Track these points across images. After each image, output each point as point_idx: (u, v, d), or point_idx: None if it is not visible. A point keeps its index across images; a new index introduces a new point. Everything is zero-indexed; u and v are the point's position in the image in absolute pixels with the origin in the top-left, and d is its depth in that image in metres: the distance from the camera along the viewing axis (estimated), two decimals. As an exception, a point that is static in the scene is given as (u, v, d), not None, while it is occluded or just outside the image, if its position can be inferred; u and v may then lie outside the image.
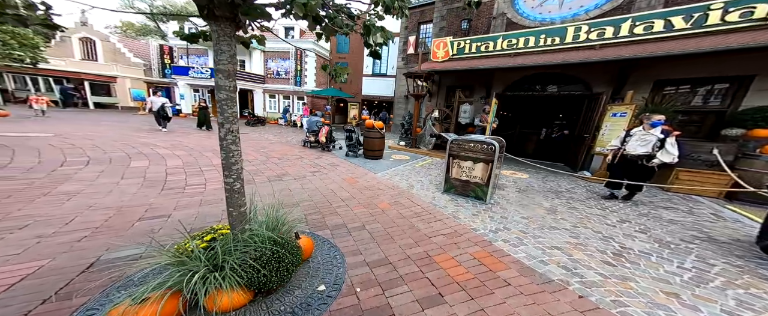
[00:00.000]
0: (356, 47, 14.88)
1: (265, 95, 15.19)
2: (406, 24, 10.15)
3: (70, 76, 13.38)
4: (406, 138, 7.56)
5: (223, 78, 1.15)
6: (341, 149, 6.45)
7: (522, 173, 4.97)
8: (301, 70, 14.10)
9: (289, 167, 4.43)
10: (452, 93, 8.32)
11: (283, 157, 5.27)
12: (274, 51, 14.30)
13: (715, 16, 3.18)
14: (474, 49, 6.22)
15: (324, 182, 3.67)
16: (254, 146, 6.22)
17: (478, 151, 2.82)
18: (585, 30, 4.51)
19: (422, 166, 5.28)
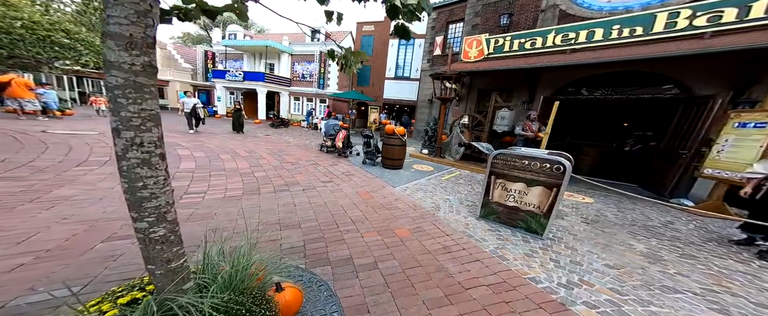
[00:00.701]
0: (380, 50, 14.77)
1: (290, 98, 15.85)
2: (434, 23, 9.62)
3: (132, 79, 15.66)
4: (430, 146, 6.88)
5: (115, 48, 0.67)
6: (358, 156, 6.03)
7: (583, 195, 3.92)
8: (324, 72, 14.42)
9: (300, 175, 4.10)
10: (485, 97, 7.44)
11: (297, 162, 5.02)
12: (300, 54, 14.93)
13: None
14: (516, 46, 5.39)
15: (335, 196, 3.22)
16: (272, 149, 6.15)
17: (537, 172, 2.08)
18: (686, 15, 3.44)
19: (448, 179, 4.56)
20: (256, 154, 5.27)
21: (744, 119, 2.66)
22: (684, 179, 3.54)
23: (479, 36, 5.97)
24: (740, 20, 3.02)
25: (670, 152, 4.04)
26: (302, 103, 15.68)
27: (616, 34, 4.08)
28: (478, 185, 4.25)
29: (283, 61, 15.09)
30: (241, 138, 7.37)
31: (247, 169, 4.11)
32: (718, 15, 3.19)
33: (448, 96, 5.68)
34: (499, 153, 2.24)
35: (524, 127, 4.76)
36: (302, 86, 15.32)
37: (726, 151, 2.82)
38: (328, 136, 6.34)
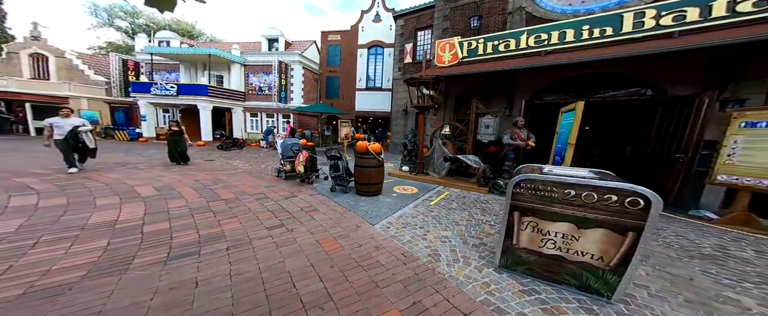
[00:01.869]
0: (348, 60, 14.39)
1: (245, 114, 14.05)
2: (402, 30, 9.57)
3: (10, 97, 12.08)
4: (411, 161, 6.19)
5: None
6: (328, 180, 4.97)
7: None
8: (286, 84, 13.20)
9: (232, 220, 2.89)
10: (463, 105, 7.25)
11: (236, 198, 3.74)
12: (256, 64, 13.54)
13: None
14: (490, 49, 5.25)
15: (282, 254, 2.15)
16: (203, 181, 4.68)
17: (595, 207, 1.40)
18: (652, 14, 3.53)
19: (438, 204, 3.81)
20: (168, 193, 3.81)
21: (752, 118, 2.53)
22: (687, 186, 3.37)
23: (451, 39, 5.77)
24: (704, 19, 3.14)
25: (661, 156, 3.98)
26: (261, 119, 14.01)
27: (586, 34, 4.10)
28: (475, 209, 3.57)
29: (234, 72, 13.48)
30: (175, 170, 5.63)
31: (131, 220, 2.73)
32: (681, 14, 3.30)
33: (425, 104, 5.16)
34: (524, 179, 1.52)
35: (513, 136, 4.40)
36: (260, 100, 13.77)
37: (738, 154, 2.63)
38: (286, 158, 5.18)
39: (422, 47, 9.06)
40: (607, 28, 3.91)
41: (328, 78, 15.08)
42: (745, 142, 2.58)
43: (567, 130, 2.02)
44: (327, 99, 14.94)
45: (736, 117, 2.65)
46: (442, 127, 6.06)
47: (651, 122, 4.26)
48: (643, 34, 3.61)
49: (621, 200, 1.33)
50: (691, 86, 3.94)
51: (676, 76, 4.03)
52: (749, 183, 2.55)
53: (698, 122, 3.35)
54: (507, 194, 1.60)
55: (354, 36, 14.06)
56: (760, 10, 2.80)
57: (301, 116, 13.83)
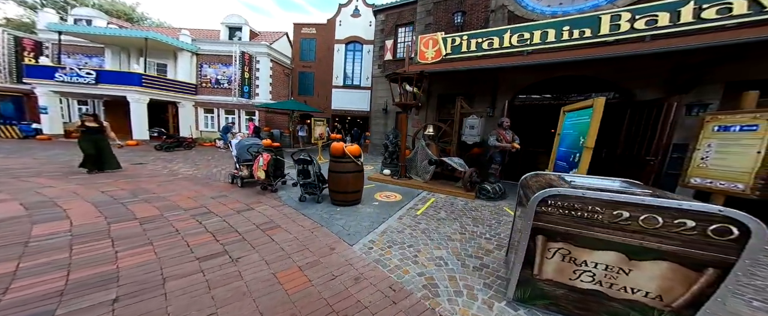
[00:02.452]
0: (324, 56, 13.54)
1: (197, 109, 12.22)
2: (382, 26, 9.18)
3: None
4: (392, 164, 5.77)
5: None
6: (296, 187, 4.26)
7: None
8: (250, 78, 11.81)
9: (142, 251, 2.11)
10: (446, 104, 7.10)
11: (162, 215, 2.88)
12: (212, 54, 11.87)
13: None
14: (474, 46, 5.11)
15: (215, 299, 1.55)
16: (116, 192, 3.62)
17: (658, 235, 1.08)
18: (627, 18, 3.65)
19: (426, 213, 3.43)
20: (44, 212, 2.77)
21: (724, 122, 2.61)
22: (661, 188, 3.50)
23: (435, 35, 5.53)
24: (675, 24, 3.31)
25: (632, 158, 4.16)
26: (218, 116, 12.33)
27: (567, 35, 4.14)
28: (466, 219, 3.25)
29: (182, 62, 11.63)
30: (78, 179, 4.31)
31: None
32: (653, 19, 3.45)
33: (409, 102, 4.79)
34: (553, 195, 1.14)
35: (498, 137, 4.25)
36: (217, 95, 12.12)
37: (711, 158, 2.70)
38: (242, 162, 4.33)
39: (403, 44, 8.79)
40: (586, 29, 3.98)
41: (301, 73, 14.01)
42: (718, 145, 2.66)
43: (576, 132, 1.77)
44: (300, 96, 13.86)
45: (709, 120, 2.74)
46: (425, 128, 5.76)
47: (620, 125, 4.49)
48: (618, 37, 3.73)
49: (702, 228, 1.00)
50: (656, 91, 4.22)
51: (644, 81, 4.28)
52: (723, 187, 2.63)
53: (667, 125, 3.51)
54: (527, 213, 1.23)
55: (331, 30, 13.30)
56: (722, 17, 3.02)
57: (269, 114, 12.52)
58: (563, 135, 2.02)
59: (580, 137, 1.75)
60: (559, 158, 2.12)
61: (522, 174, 1.75)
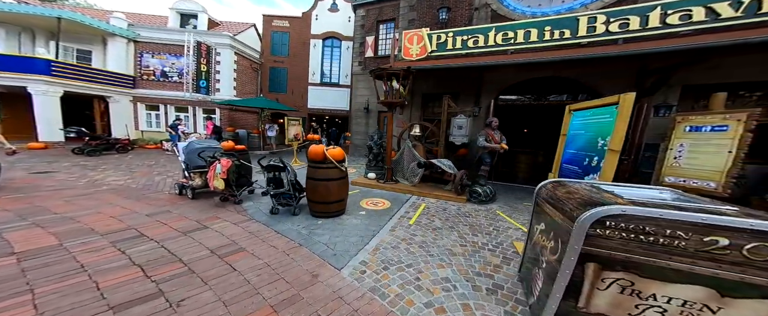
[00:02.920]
0: (298, 51, 12.62)
1: (136, 106, 10.39)
2: (363, 21, 8.77)
3: None
4: (377, 167, 5.42)
5: None
6: (267, 196, 3.65)
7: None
8: (209, 71, 10.38)
9: (14, 304, 1.43)
10: (431, 103, 6.98)
11: (61, 245, 2.14)
12: (157, 43, 10.17)
13: None
14: (459, 43, 5.02)
15: None
16: (6, 213, 2.68)
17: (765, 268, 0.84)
18: (602, 20, 3.82)
19: (419, 222, 3.15)
20: None
21: (695, 123, 2.77)
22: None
23: (420, 30, 5.33)
24: (644, 28, 3.53)
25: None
26: (165, 113, 10.64)
27: (548, 35, 4.23)
28: (463, 227, 3.04)
29: (114, 49, 9.76)
30: None
31: None
32: (625, 22, 3.66)
33: (395, 100, 4.48)
34: (614, 214, 0.88)
35: (488, 138, 4.17)
36: (163, 89, 10.45)
37: (683, 158, 2.86)
38: (194, 169, 3.58)
39: (385, 41, 8.49)
40: (566, 30, 4.10)
41: (272, 69, 12.86)
42: (690, 145, 2.83)
43: (591, 132, 1.62)
44: (271, 93, 12.72)
45: (680, 121, 2.90)
46: (411, 128, 5.52)
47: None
48: (594, 39, 3.89)
49: None
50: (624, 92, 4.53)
51: (612, 83, 4.58)
52: (696, 185, 2.79)
53: (639, 126, 3.74)
54: (575, 235, 0.98)
55: (306, 25, 12.46)
56: (684, 24, 3.29)
57: (234, 112, 11.21)
58: (571, 136, 1.90)
59: (598, 138, 1.59)
60: (567, 162, 1.98)
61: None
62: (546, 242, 1.25)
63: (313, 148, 3.05)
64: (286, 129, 7.22)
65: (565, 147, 2.00)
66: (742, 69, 3.47)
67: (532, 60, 4.07)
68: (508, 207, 3.95)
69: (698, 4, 3.17)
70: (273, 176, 3.03)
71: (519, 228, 3.02)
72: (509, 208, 3.91)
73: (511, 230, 2.95)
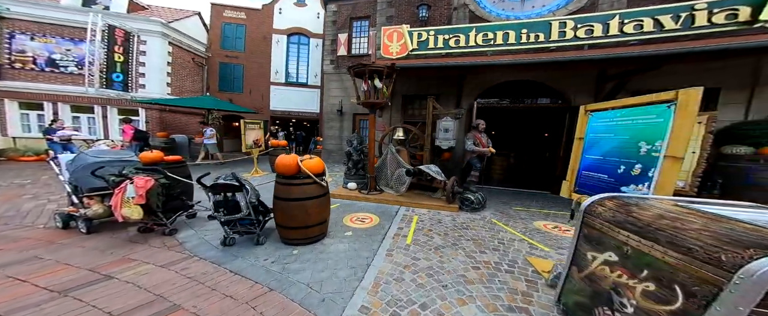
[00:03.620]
0: (258, 47, 11.19)
1: (4, 103, 7.68)
2: (335, 18, 8.15)
3: None
4: (357, 176, 4.88)
5: None
6: (215, 221, 2.76)
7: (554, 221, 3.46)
8: (127, 63, 8.26)
9: None
10: (411, 105, 6.75)
11: None
12: (37, 21, 7.64)
13: (702, 17, 3.31)
14: (441, 42, 4.90)
15: None
16: None
17: None
18: (571, 26, 4.10)
19: (417, 241, 2.76)
20: None
21: None
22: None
23: (400, 27, 5.05)
24: (606, 35, 3.88)
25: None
26: (54, 114, 8.08)
27: (524, 38, 4.39)
28: (467, 242, 2.76)
29: None
30: None
31: None
32: (590, 28, 3.98)
33: (378, 100, 4.04)
34: None
35: (476, 142, 4.06)
36: (53, 82, 7.98)
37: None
38: (87, 192, 2.51)
39: (359, 39, 8.02)
40: (540, 33, 4.29)
41: (223, 65, 11.11)
42: None
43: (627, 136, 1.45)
44: (222, 92, 10.95)
45: None
46: (394, 131, 5.15)
47: (560, 129, 5.15)
48: (562, 44, 4.16)
49: None
50: (587, 97, 4.99)
51: (577, 88, 5.01)
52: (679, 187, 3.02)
53: None
54: (737, 292, 0.67)
55: (267, 18, 11.18)
56: (638, 33, 3.71)
57: (166, 114, 9.19)
58: (591, 140, 1.75)
59: (640, 143, 1.42)
60: (589, 169, 1.82)
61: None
62: (630, 280, 0.97)
63: (282, 159, 2.38)
64: (242, 134, 6.09)
65: (583, 152, 1.83)
66: (682, 77, 4.09)
67: (515, 61, 4.12)
68: (500, 213, 3.86)
69: (647, 15, 3.61)
70: (224, 199, 2.25)
71: (522, 239, 2.86)
72: (501, 214, 3.82)
73: (516, 242, 2.76)
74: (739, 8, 3.17)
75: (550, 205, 4.50)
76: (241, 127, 6.11)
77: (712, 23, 3.25)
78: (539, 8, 5.08)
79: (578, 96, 5.07)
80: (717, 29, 3.16)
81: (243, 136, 6.10)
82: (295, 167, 2.36)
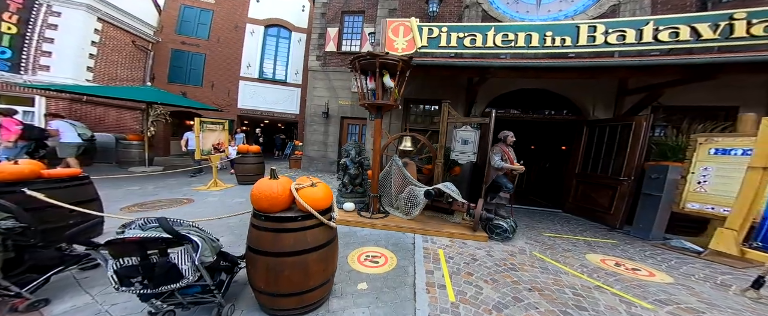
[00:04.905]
0: (226, 35, 9.92)
1: None
2: (324, 9, 7.41)
3: None
4: (354, 194, 4.10)
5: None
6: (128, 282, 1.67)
7: (644, 266, 2.72)
8: (24, 36, 6.36)
9: None
10: (413, 110, 6.15)
11: None
12: None
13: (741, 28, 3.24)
14: (454, 41, 4.41)
15: None
16: None
17: None
18: (602, 30, 3.87)
19: (461, 292, 2.06)
20: None
21: (722, 145, 2.73)
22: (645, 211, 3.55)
23: (408, 20, 4.49)
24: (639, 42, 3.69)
25: (597, 177, 4.46)
26: None
27: (549, 41, 4.08)
28: (526, 291, 2.13)
29: None
30: None
31: None
32: (622, 34, 3.78)
33: (388, 102, 3.34)
34: None
35: (503, 156, 3.53)
36: None
37: (710, 183, 2.77)
38: None
39: (351, 35, 7.35)
40: (566, 37, 4.01)
41: (177, 53, 9.58)
42: (718, 170, 2.73)
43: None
44: (172, 84, 9.35)
45: (702, 142, 2.87)
46: (401, 140, 4.45)
47: (573, 142, 4.95)
48: (592, 50, 3.91)
49: None
50: (605, 111, 4.83)
51: (596, 100, 4.83)
52: (728, 213, 2.62)
53: (637, 145, 3.81)
54: None
55: (241, 5, 10.07)
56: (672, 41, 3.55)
57: (85, 106, 7.35)
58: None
59: None
60: None
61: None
62: None
63: (263, 188, 1.52)
64: (197, 136, 4.90)
65: None
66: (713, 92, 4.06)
67: (566, 64, 3.72)
68: (535, 242, 3.32)
69: (683, 23, 3.49)
70: (144, 264, 1.28)
71: (598, 285, 2.27)
72: (537, 243, 3.28)
73: (594, 291, 2.18)
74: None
75: (577, 228, 4.11)
76: (195, 128, 4.91)
77: (751, 35, 3.21)
78: (556, 12, 4.92)
79: (597, 109, 4.91)
80: (757, 41, 3.11)
81: (197, 140, 4.89)
82: (286, 200, 1.50)
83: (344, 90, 7.25)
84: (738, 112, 3.94)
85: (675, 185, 3.29)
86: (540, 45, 4.17)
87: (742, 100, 4.14)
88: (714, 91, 4.15)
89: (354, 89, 7.81)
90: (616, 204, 4.12)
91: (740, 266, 2.50)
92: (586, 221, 4.51)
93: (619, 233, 3.85)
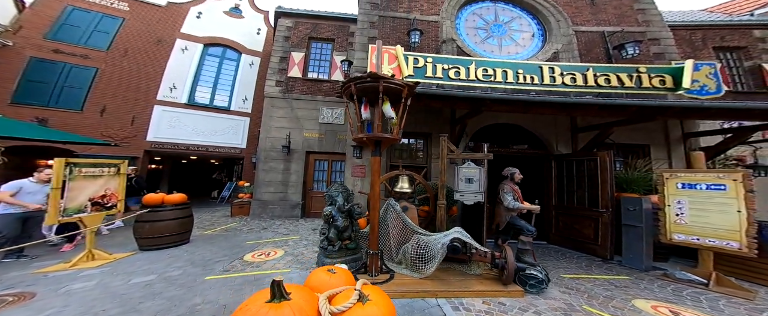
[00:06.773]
0: (142, 48, 8.17)
1: None
2: (288, 33, 6.96)
3: None
4: (343, 251, 3.23)
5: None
6: None
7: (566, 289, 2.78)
8: None
9: None
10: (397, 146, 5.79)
11: None
12: None
13: (646, 79, 4.33)
14: (440, 72, 4.54)
15: None
16: None
17: None
18: (558, 72, 4.62)
19: None
20: None
21: (685, 180, 3.12)
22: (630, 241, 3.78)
23: (393, 48, 4.41)
24: (585, 85, 4.53)
25: (576, 209, 4.70)
26: None
27: (521, 79, 4.61)
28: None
29: None
30: None
31: None
32: (574, 77, 4.60)
33: (390, 135, 2.88)
34: None
35: (515, 196, 3.40)
36: None
37: (687, 215, 3.05)
38: None
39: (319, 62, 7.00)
40: (534, 76, 4.62)
41: (38, 62, 7.17)
42: (690, 202, 3.09)
43: None
44: (18, 106, 6.73)
45: (668, 177, 3.27)
46: (397, 179, 3.93)
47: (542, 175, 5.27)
48: (554, 89, 4.59)
49: None
50: (565, 146, 5.42)
51: (558, 136, 5.44)
52: (713, 244, 2.88)
53: (607, 178, 4.20)
54: None
55: (172, 18, 8.74)
56: (608, 86, 4.49)
57: None
58: None
59: None
60: None
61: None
62: None
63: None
64: (54, 186, 3.23)
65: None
66: (645, 133, 5.01)
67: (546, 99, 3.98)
68: (567, 289, 3.05)
69: (612, 72, 4.51)
70: None
71: None
72: (570, 291, 3.01)
73: None
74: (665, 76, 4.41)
75: (577, 262, 4.07)
76: (54, 173, 3.22)
77: (653, 86, 4.35)
78: (514, 54, 5.80)
79: (559, 145, 5.46)
80: (655, 91, 4.22)
81: (54, 193, 3.16)
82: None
83: (310, 120, 6.53)
84: (649, 149, 5.08)
85: (653, 216, 3.58)
86: (514, 81, 4.65)
87: (650, 139, 5.33)
88: (632, 132, 5.09)
89: (322, 120, 7.22)
90: (601, 235, 4.25)
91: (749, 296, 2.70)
92: (576, 253, 4.53)
93: (616, 265, 3.89)
